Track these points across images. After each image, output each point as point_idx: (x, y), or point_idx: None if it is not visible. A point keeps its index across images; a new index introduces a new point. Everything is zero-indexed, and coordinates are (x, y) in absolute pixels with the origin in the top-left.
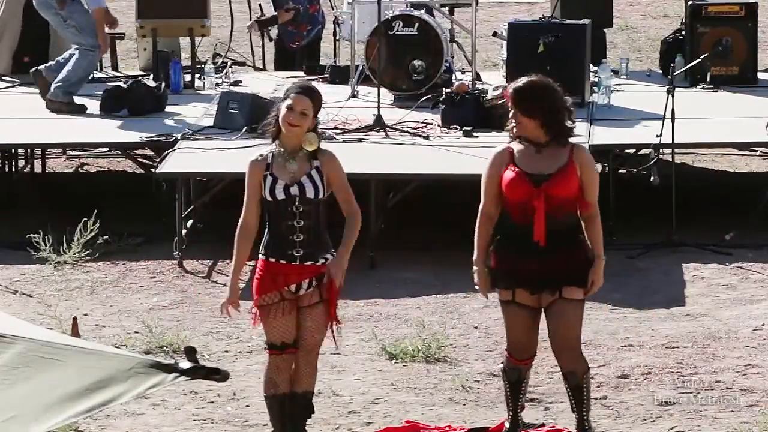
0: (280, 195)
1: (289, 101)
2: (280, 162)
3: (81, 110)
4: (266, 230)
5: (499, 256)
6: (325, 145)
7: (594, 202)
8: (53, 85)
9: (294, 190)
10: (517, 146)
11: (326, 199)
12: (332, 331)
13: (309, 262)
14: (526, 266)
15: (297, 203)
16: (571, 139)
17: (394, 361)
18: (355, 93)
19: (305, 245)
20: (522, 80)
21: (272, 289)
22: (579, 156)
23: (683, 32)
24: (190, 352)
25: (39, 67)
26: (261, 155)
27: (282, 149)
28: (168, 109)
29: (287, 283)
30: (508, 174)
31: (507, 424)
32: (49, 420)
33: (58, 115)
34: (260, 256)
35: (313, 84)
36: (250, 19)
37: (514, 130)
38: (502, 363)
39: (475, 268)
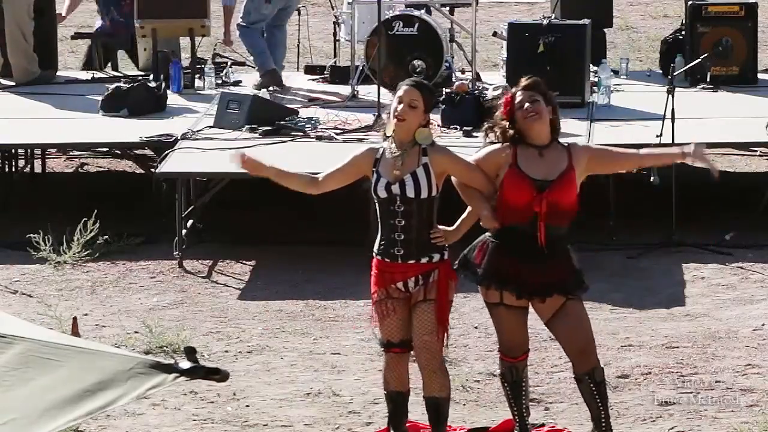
0: (382, 193)
1: (399, 92)
2: (389, 159)
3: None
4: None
5: (489, 254)
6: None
7: (634, 160)
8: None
9: (395, 188)
10: (520, 149)
11: (435, 197)
12: (444, 337)
13: (411, 261)
14: (517, 270)
15: (398, 202)
16: (565, 140)
17: None
18: (355, 93)
19: (406, 244)
20: (526, 78)
21: (381, 285)
22: (578, 153)
23: (683, 32)
24: (190, 352)
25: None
26: (375, 147)
27: (392, 145)
28: (168, 109)
29: (393, 281)
30: (511, 176)
31: None
32: (48, 423)
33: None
34: (373, 253)
35: (428, 82)
36: None
37: (530, 118)
38: (498, 369)
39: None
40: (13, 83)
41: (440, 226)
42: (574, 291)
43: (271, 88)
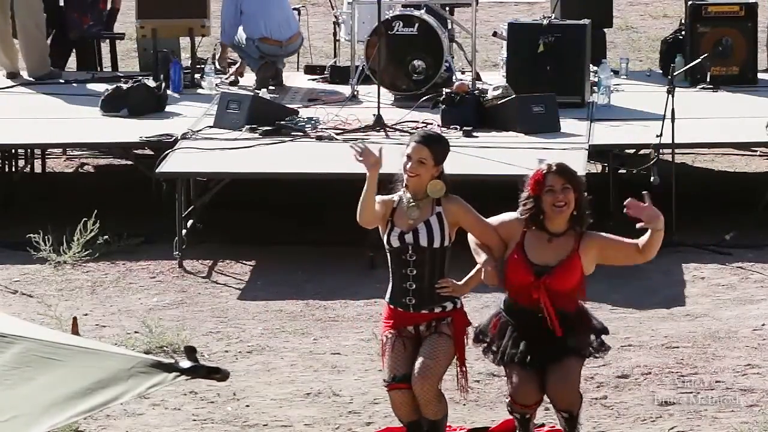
0: (395, 242)
1: (408, 150)
2: (403, 208)
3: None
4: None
5: (499, 331)
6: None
7: (635, 250)
8: None
9: (408, 237)
10: (529, 231)
11: (447, 247)
12: (459, 377)
13: (423, 311)
14: (532, 348)
15: (410, 251)
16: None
17: None
18: (355, 93)
19: (417, 294)
20: (550, 162)
21: (392, 328)
22: (588, 241)
23: (683, 32)
24: (190, 352)
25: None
26: (394, 197)
27: (408, 195)
28: (168, 109)
29: (404, 325)
30: (513, 258)
31: None
32: (50, 420)
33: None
34: (386, 301)
35: (438, 132)
36: None
37: (558, 208)
38: (507, 398)
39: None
40: (14, 83)
41: (449, 279)
42: (589, 354)
43: (270, 87)
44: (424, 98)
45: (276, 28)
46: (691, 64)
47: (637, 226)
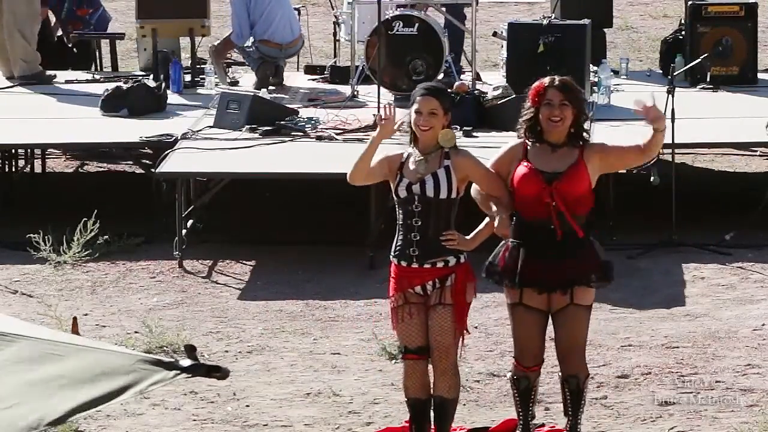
0: (403, 193)
1: (415, 105)
2: (412, 163)
3: None
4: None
5: (510, 253)
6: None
7: (637, 151)
8: None
9: (415, 188)
10: (531, 144)
11: (454, 200)
12: (460, 339)
13: (427, 265)
14: (535, 265)
15: (416, 202)
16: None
17: (394, 361)
18: (355, 93)
19: (421, 245)
20: (552, 76)
21: (399, 290)
22: (590, 151)
23: (683, 32)
24: (190, 350)
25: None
26: (399, 153)
27: (417, 150)
28: (168, 109)
29: (411, 285)
30: (521, 170)
31: None
32: (54, 407)
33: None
34: (390, 258)
35: (437, 83)
36: None
37: (554, 122)
38: (510, 372)
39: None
40: (13, 84)
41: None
42: (593, 282)
43: (271, 87)
44: None
45: (278, 31)
46: (691, 64)
47: (642, 124)
